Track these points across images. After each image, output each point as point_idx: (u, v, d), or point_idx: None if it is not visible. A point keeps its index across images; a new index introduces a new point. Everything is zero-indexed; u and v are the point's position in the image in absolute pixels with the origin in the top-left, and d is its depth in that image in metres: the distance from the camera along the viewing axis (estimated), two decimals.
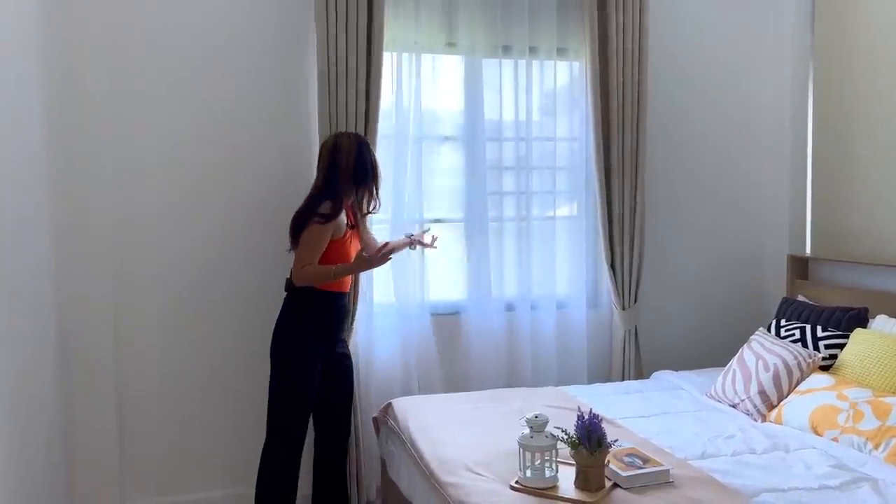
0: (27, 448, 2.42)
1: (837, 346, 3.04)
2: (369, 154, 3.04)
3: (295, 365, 2.94)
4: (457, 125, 3.68)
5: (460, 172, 3.70)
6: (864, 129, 3.54)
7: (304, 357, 2.94)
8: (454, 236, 3.72)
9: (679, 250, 4.06)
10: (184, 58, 3.30)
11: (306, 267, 2.85)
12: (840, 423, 2.56)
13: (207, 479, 3.40)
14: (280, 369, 2.95)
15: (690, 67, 4.02)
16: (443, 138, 3.68)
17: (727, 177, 4.12)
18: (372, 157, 3.05)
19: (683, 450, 2.54)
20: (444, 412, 2.97)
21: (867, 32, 3.51)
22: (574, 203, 3.83)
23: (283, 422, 2.95)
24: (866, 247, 3.53)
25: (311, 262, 2.86)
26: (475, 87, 3.62)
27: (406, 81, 3.51)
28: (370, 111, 3.31)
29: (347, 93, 3.26)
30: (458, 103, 3.67)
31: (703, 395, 3.22)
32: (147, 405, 3.33)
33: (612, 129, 3.69)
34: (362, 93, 3.28)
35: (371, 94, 3.30)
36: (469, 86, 3.67)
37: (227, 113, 3.35)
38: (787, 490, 2.20)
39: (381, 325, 3.56)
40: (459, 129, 3.68)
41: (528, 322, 3.74)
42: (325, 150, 3.00)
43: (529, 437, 2.24)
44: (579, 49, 3.72)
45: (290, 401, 2.95)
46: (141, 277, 3.29)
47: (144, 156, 3.27)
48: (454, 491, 2.26)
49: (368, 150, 3.05)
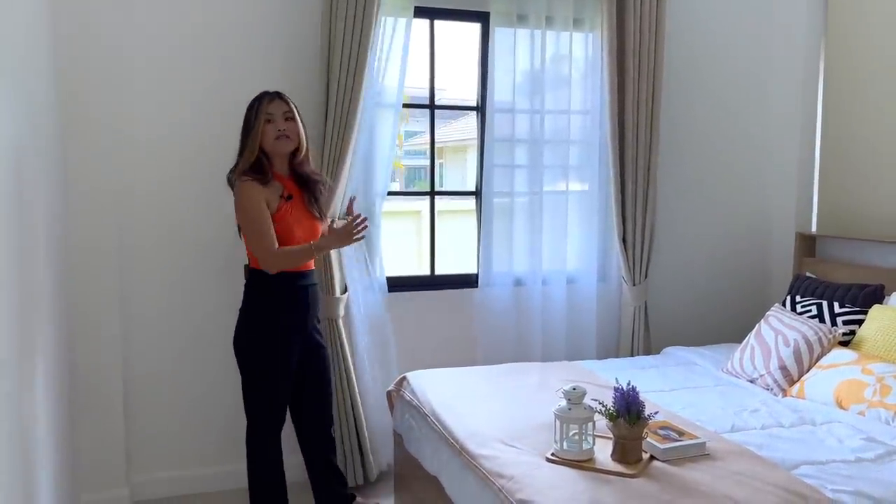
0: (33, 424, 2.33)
1: (855, 322, 3.05)
2: (249, 108, 2.63)
3: (266, 359, 2.67)
4: (469, 96, 3.61)
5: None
6: (873, 108, 3.54)
7: (276, 349, 2.67)
8: (457, 210, 3.67)
9: (688, 227, 4.05)
10: (184, 44, 3.18)
11: (276, 251, 2.56)
12: (867, 398, 2.56)
13: (212, 454, 3.33)
14: (249, 366, 2.68)
15: (705, 45, 3.99)
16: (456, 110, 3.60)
17: (737, 155, 4.12)
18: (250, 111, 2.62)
19: (713, 423, 2.53)
20: (462, 385, 2.93)
21: (879, 14, 3.50)
22: (586, 178, 3.79)
23: (261, 418, 2.72)
24: (873, 225, 3.54)
25: (267, 243, 2.55)
26: (490, 56, 3.54)
27: (418, 48, 3.42)
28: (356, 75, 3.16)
29: (342, 57, 3.12)
30: (472, 73, 3.60)
31: (718, 371, 3.21)
32: (152, 381, 3.24)
33: (626, 103, 3.64)
34: (355, 56, 3.14)
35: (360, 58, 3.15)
36: (483, 54, 3.59)
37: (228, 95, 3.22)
38: (826, 462, 2.19)
39: (390, 299, 3.50)
40: (472, 101, 3.61)
41: (538, 297, 3.71)
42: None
43: (567, 409, 2.20)
44: (595, 20, 3.66)
45: (263, 398, 2.70)
46: (145, 257, 3.19)
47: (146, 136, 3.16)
48: (489, 463, 2.21)
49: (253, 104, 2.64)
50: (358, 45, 3.13)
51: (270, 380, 2.72)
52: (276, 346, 2.68)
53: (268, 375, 2.71)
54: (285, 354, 2.71)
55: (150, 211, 3.19)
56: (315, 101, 3.19)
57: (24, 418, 2.22)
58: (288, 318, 2.71)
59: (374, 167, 3.41)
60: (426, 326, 3.63)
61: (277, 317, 2.68)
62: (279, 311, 2.69)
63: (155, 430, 3.25)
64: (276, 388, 2.73)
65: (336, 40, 3.11)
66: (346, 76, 3.14)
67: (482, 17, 3.59)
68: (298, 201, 2.69)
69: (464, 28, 3.63)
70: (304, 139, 2.70)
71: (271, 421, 2.76)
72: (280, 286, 2.68)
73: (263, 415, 2.75)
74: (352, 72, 3.14)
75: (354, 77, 3.14)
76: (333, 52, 3.12)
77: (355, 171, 3.30)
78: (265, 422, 2.75)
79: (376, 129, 3.38)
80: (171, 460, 3.29)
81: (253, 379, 2.72)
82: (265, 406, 2.74)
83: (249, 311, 2.69)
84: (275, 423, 2.77)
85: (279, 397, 2.75)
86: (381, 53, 3.28)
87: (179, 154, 3.20)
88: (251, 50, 3.25)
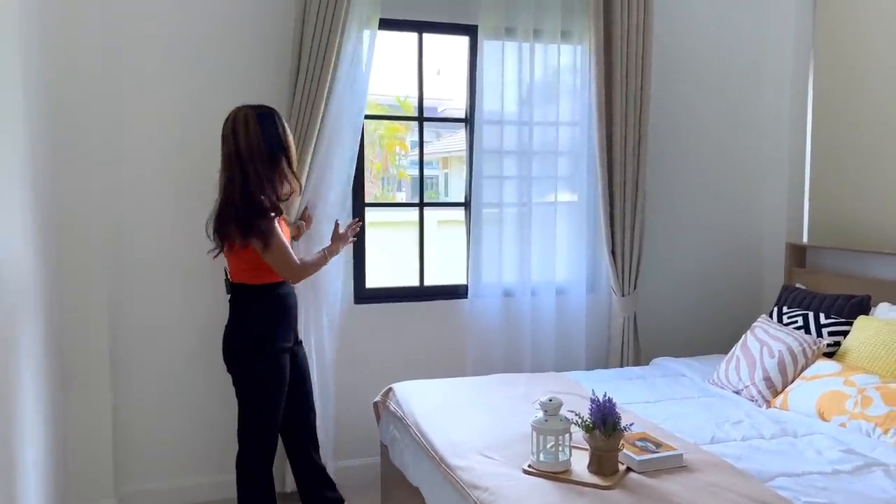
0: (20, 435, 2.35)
1: (841, 334, 3.05)
2: (273, 124, 2.61)
3: (270, 369, 2.67)
4: (459, 108, 3.63)
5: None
6: (862, 119, 3.54)
7: (277, 358, 2.68)
8: (456, 220, 3.69)
9: (678, 238, 4.06)
10: (173, 48, 3.22)
11: (300, 266, 2.67)
12: (848, 409, 2.56)
13: (201, 465, 3.35)
14: (255, 378, 2.66)
15: (693, 55, 4.01)
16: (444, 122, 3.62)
17: (727, 165, 4.13)
18: (277, 128, 2.61)
19: (693, 435, 2.53)
20: (447, 396, 2.94)
21: (868, 22, 3.51)
22: (575, 188, 3.80)
23: (262, 432, 2.70)
24: (863, 235, 3.54)
25: (292, 263, 2.63)
26: (478, 69, 3.57)
27: (408, 61, 3.45)
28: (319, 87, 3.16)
29: (323, 70, 3.14)
30: (461, 85, 3.62)
31: (705, 382, 3.21)
32: (141, 394, 3.26)
33: (614, 114, 3.66)
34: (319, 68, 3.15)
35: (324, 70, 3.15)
36: (472, 67, 3.62)
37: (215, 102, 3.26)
38: (802, 475, 2.19)
39: (379, 310, 3.52)
40: (461, 113, 3.63)
41: (527, 307, 3.71)
42: (226, 133, 2.58)
43: (543, 421, 2.21)
44: (583, 33, 3.68)
45: (269, 409, 2.69)
46: (136, 265, 3.22)
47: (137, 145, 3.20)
48: (465, 475, 2.22)
49: (272, 119, 2.61)
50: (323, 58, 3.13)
51: (271, 393, 2.68)
52: (276, 357, 2.68)
53: (270, 388, 2.68)
54: (284, 366, 2.71)
55: (140, 221, 3.21)
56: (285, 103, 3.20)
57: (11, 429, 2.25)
58: (281, 328, 2.71)
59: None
60: (416, 337, 3.65)
61: (273, 327, 2.68)
62: (274, 321, 2.69)
63: (143, 440, 3.27)
64: (276, 403, 2.70)
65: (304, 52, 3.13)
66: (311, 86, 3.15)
67: (470, 30, 3.62)
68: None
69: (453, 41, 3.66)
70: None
71: (268, 443, 2.73)
72: (270, 297, 2.68)
73: (262, 436, 2.71)
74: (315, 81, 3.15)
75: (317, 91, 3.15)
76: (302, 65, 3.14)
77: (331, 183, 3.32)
78: (262, 445, 2.71)
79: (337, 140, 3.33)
80: (160, 471, 3.30)
81: (255, 394, 2.68)
82: (264, 426, 2.70)
83: (244, 324, 2.67)
84: (271, 444, 2.74)
85: (277, 414, 2.72)
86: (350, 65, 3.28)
87: (171, 163, 3.23)
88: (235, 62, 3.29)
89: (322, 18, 3.12)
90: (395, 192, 5.40)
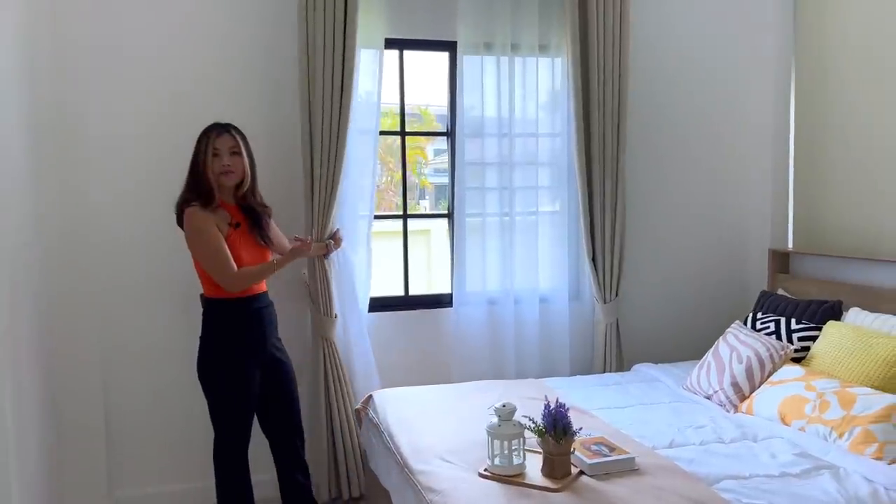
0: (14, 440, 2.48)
1: (810, 339, 3.08)
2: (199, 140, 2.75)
3: (229, 384, 2.78)
4: (440, 121, 3.73)
5: (444, 168, 3.74)
6: (844, 127, 3.57)
7: (237, 374, 2.79)
8: (434, 231, 3.78)
9: (661, 245, 4.10)
10: (164, 54, 3.35)
11: (236, 273, 2.69)
12: (807, 413, 2.60)
13: (195, 470, 3.44)
14: (214, 391, 2.80)
15: (672, 65, 4.06)
16: (426, 134, 3.72)
17: (708, 174, 4.16)
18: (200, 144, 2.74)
19: (653, 439, 2.59)
20: (422, 404, 3.03)
21: (847, 35, 3.54)
22: (557, 198, 3.88)
23: (226, 437, 2.83)
24: (846, 241, 3.56)
25: (227, 268, 2.67)
26: (457, 84, 3.66)
27: (388, 77, 3.56)
28: (342, 106, 3.33)
29: (324, 87, 3.28)
30: (441, 100, 3.72)
31: (679, 387, 3.26)
32: (132, 398, 3.38)
33: (592, 125, 3.73)
34: (338, 87, 3.31)
35: (345, 88, 3.32)
36: (452, 82, 3.72)
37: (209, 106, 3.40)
38: (749, 477, 2.25)
39: (365, 319, 3.62)
40: (443, 126, 3.73)
41: (511, 316, 3.79)
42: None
43: (497, 426, 2.29)
44: (560, 45, 3.76)
45: (229, 420, 2.81)
46: (127, 271, 3.35)
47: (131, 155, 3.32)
48: (424, 478, 2.31)
49: (203, 137, 2.75)
50: (341, 77, 3.30)
51: (233, 402, 2.82)
52: (235, 370, 2.80)
53: (230, 398, 2.82)
54: (244, 377, 2.82)
55: (129, 231, 3.34)
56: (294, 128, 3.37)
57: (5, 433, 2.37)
58: (246, 342, 2.82)
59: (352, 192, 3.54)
60: (401, 346, 3.73)
61: (235, 342, 2.79)
62: (236, 336, 2.79)
63: (137, 445, 3.39)
64: (239, 409, 2.84)
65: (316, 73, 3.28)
66: (331, 107, 3.31)
67: (450, 46, 3.72)
68: (244, 229, 2.81)
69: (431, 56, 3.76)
70: (248, 173, 2.81)
71: (236, 439, 2.87)
72: (235, 312, 2.79)
73: (228, 433, 2.86)
74: (336, 103, 3.31)
75: (340, 110, 3.31)
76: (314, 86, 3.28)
77: (345, 197, 3.46)
78: (230, 439, 2.86)
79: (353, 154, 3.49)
80: (154, 476, 3.43)
81: (217, 402, 2.83)
82: (229, 426, 2.85)
83: (209, 338, 2.80)
84: (240, 440, 2.88)
85: (242, 417, 2.86)
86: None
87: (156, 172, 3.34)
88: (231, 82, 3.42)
89: (323, 40, 3.27)
90: (419, 200, 5.53)
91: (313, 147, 3.32)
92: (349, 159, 3.45)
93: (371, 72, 3.49)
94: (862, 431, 2.41)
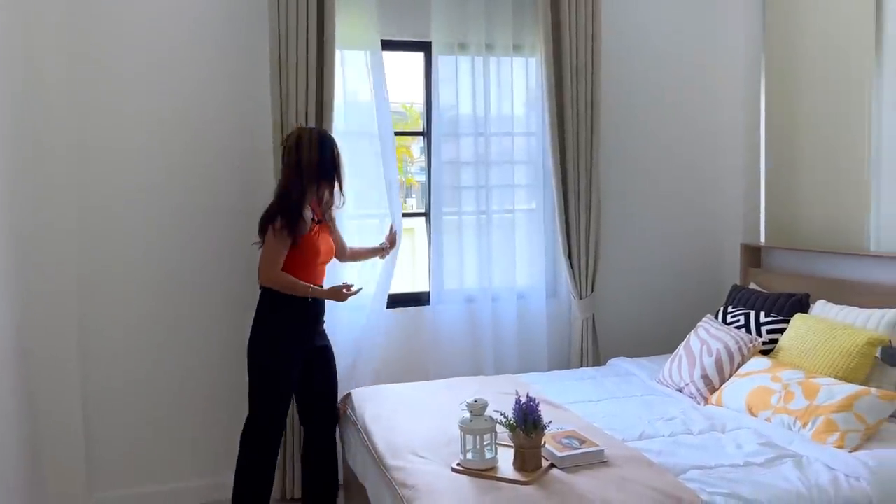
0: None
1: (779, 331, 3.15)
2: (331, 148, 3.02)
3: (270, 372, 2.94)
4: (417, 121, 3.77)
5: (421, 167, 3.78)
6: (814, 124, 3.64)
7: (279, 363, 2.94)
8: (417, 230, 3.82)
9: (635, 241, 4.16)
10: (141, 52, 3.37)
11: (277, 273, 2.89)
12: (773, 404, 2.66)
13: (173, 470, 3.49)
14: (256, 374, 2.96)
15: (645, 64, 4.12)
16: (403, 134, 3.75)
17: (681, 170, 4.23)
18: (334, 152, 3.02)
19: (623, 431, 2.65)
20: (399, 401, 3.07)
21: (815, 32, 3.62)
22: (533, 196, 3.93)
23: (262, 422, 2.96)
24: (815, 236, 3.64)
25: (272, 268, 2.89)
26: (433, 84, 3.71)
27: (365, 78, 3.60)
28: (324, 106, 3.38)
29: (297, 88, 3.32)
30: (418, 100, 3.76)
31: (652, 381, 3.32)
32: (112, 399, 3.40)
33: (566, 123, 3.78)
34: (313, 88, 3.35)
35: (325, 89, 3.37)
36: (427, 82, 3.76)
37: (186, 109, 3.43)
38: (714, 467, 2.31)
39: (346, 318, 3.65)
40: (419, 125, 3.77)
41: (489, 313, 3.84)
42: (289, 146, 2.98)
43: (469, 421, 2.33)
44: (535, 45, 3.81)
45: (268, 405, 2.96)
46: (104, 272, 3.36)
47: (105, 151, 3.34)
48: (398, 474, 2.35)
49: (331, 143, 3.03)
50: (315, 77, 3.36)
51: (276, 383, 2.96)
52: (283, 354, 2.95)
53: (275, 379, 2.95)
54: (291, 363, 2.97)
55: (110, 229, 3.36)
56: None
57: None
58: (297, 330, 2.98)
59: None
60: (380, 344, 3.76)
61: (286, 329, 2.95)
62: (289, 323, 2.96)
63: (117, 446, 3.41)
64: (280, 390, 2.97)
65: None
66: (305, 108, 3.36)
67: (425, 46, 3.76)
68: (323, 225, 3.08)
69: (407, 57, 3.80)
70: None
71: (273, 419, 2.97)
72: (292, 302, 2.94)
73: (266, 410, 2.96)
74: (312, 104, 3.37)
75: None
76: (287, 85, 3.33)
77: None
78: (266, 417, 2.96)
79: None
80: (134, 477, 3.44)
81: (261, 380, 2.96)
82: (268, 404, 2.96)
83: (264, 322, 2.96)
84: (276, 421, 2.98)
85: (282, 400, 2.99)
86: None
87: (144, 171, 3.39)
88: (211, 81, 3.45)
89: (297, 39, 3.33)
90: (406, 198, 5.56)
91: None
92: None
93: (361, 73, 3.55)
94: (824, 421, 2.47)
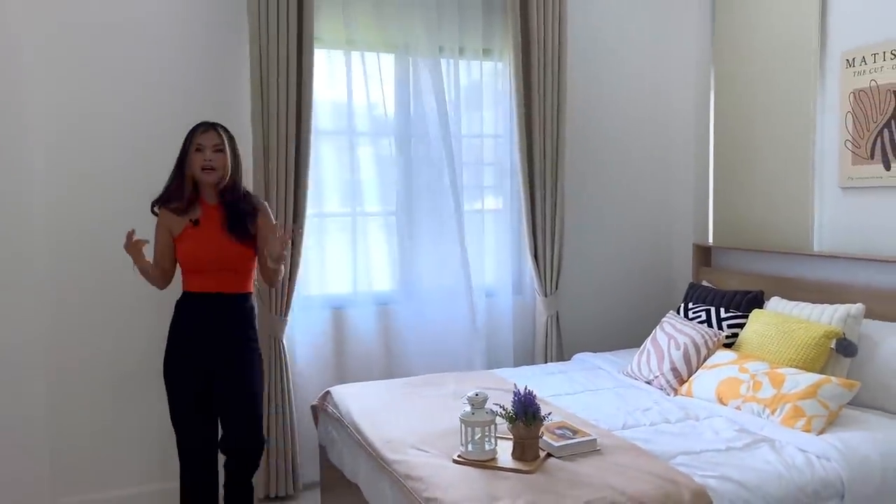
0: None
1: (738, 326, 3.37)
2: (186, 139, 2.76)
3: (165, 376, 2.82)
4: (388, 122, 3.80)
5: (392, 167, 3.82)
6: (759, 129, 3.90)
7: (167, 381, 2.81)
8: (387, 229, 3.85)
9: (596, 241, 4.35)
10: (114, 51, 3.29)
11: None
12: (742, 393, 2.86)
13: (138, 474, 3.41)
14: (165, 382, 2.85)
15: (605, 71, 4.30)
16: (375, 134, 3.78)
17: (638, 174, 4.44)
18: (185, 143, 2.75)
19: (607, 422, 2.78)
20: (382, 397, 3.11)
21: (762, 43, 3.87)
22: (500, 197, 4.04)
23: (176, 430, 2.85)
24: (762, 236, 3.89)
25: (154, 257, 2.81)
26: (405, 86, 3.76)
27: (342, 78, 3.62)
28: (303, 107, 3.39)
29: (279, 89, 3.33)
30: (390, 101, 3.80)
31: (620, 374, 3.48)
32: (77, 401, 3.30)
33: (533, 127, 3.91)
34: (293, 88, 3.36)
35: (303, 90, 3.38)
36: (399, 84, 3.81)
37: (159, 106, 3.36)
38: (700, 452, 2.46)
39: (313, 316, 3.66)
40: (391, 126, 3.80)
41: (458, 310, 3.91)
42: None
43: (471, 414, 2.41)
44: (504, 50, 3.92)
45: (172, 411, 2.83)
46: (68, 278, 3.27)
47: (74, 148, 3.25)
48: (401, 467, 2.40)
49: (189, 134, 2.76)
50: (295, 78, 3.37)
51: (171, 405, 2.82)
52: (169, 370, 2.81)
53: (170, 400, 2.82)
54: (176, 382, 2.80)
55: (74, 226, 3.26)
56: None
57: None
58: (177, 338, 2.80)
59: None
60: (351, 342, 3.79)
61: (170, 336, 2.81)
62: (172, 330, 2.81)
63: (82, 450, 3.31)
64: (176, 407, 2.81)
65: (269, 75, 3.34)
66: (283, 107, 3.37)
67: (397, 48, 3.79)
68: (214, 225, 2.77)
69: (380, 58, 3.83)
70: (230, 170, 2.78)
71: (182, 442, 2.83)
72: (181, 301, 2.83)
73: (178, 433, 2.83)
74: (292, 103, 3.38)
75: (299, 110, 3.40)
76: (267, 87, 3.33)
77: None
78: (179, 441, 2.84)
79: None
80: (97, 481, 3.35)
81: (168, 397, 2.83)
82: (175, 426, 2.83)
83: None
84: (186, 444, 2.82)
85: (182, 428, 2.82)
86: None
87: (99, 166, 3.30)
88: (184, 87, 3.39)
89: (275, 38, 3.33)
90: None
91: (268, 148, 3.36)
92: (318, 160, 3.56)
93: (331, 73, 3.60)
94: (791, 407, 2.68)
